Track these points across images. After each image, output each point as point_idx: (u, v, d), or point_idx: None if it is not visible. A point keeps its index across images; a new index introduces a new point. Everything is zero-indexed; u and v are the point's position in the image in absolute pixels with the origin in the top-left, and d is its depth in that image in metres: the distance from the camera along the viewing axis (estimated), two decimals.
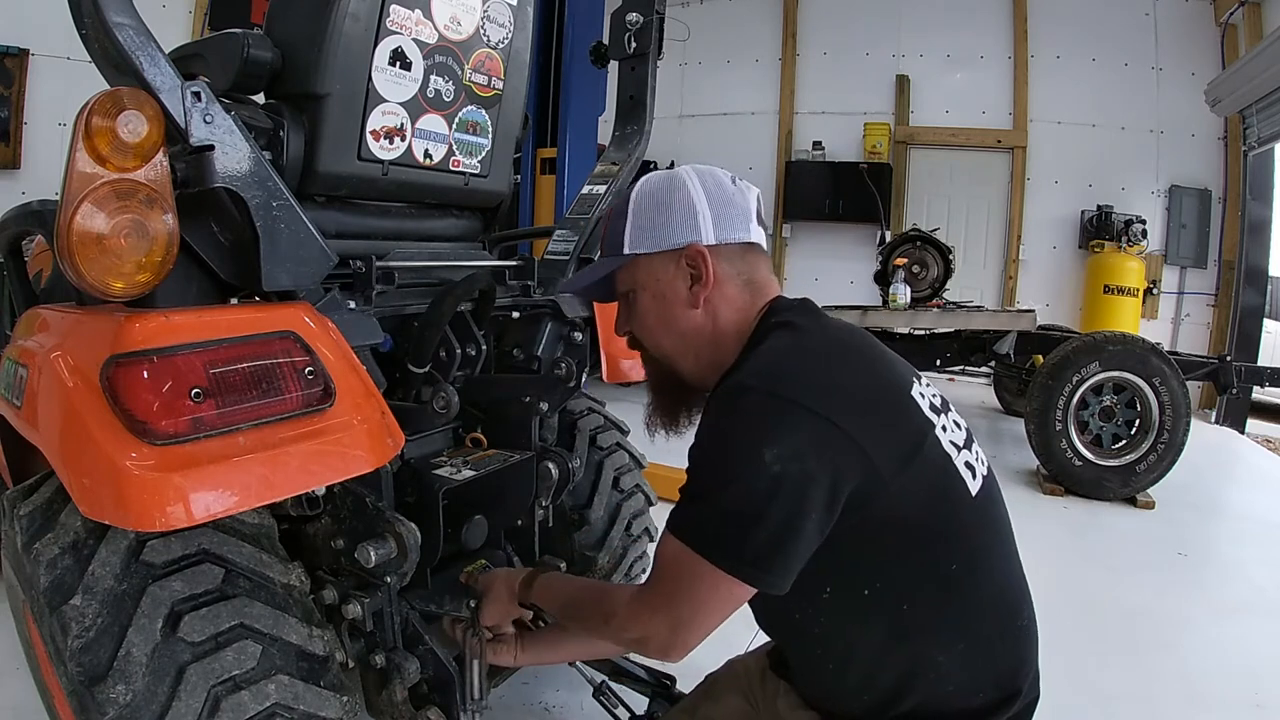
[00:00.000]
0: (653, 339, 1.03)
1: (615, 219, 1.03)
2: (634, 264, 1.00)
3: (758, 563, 0.81)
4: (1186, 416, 3.44)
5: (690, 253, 0.96)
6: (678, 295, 0.98)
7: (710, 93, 7.96)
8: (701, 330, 0.99)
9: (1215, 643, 2.25)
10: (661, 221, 0.97)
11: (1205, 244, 6.51)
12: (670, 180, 0.99)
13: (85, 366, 0.86)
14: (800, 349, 0.89)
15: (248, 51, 1.18)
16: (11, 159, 5.22)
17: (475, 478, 1.27)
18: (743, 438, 0.81)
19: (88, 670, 0.86)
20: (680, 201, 0.97)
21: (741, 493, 0.80)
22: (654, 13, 1.69)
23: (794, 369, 0.86)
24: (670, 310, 0.99)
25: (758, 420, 0.81)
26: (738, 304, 0.98)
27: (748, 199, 1.01)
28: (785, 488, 0.78)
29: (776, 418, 0.80)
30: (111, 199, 0.83)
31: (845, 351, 0.91)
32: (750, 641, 2.08)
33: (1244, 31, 6.04)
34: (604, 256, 1.05)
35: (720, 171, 1.01)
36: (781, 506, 0.79)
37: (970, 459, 0.92)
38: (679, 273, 0.98)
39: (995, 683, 0.91)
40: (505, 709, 1.73)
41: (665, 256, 0.98)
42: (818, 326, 0.94)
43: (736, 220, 0.98)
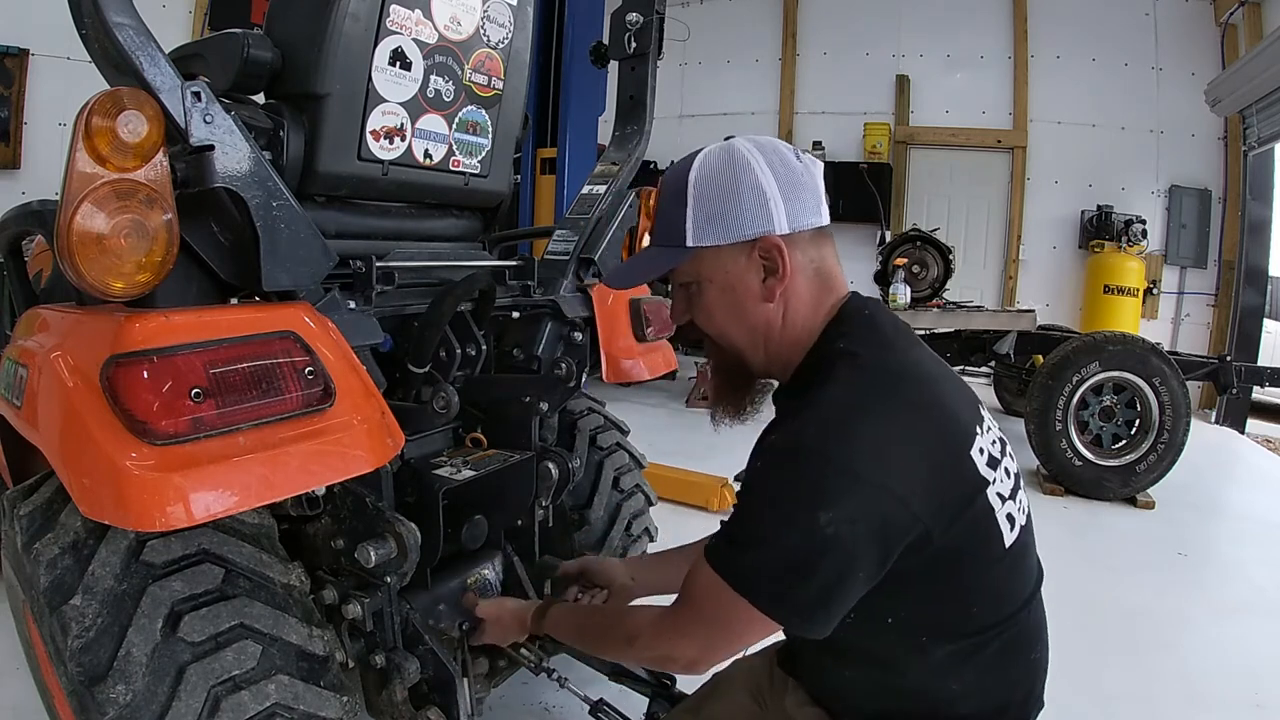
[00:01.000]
0: (720, 331, 0.97)
1: (671, 205, 0.93)
2: (698, 256, 0.92)
3: (801, 612, 0.81)
4: (1186, 416, 3.44)
5: (764, 245, 0.89)
6: (749, 289, 0.91)
7: (710, 93, 7.96)
8: (773, 324, 0.93)
9: (1215, 643, 2.25)
10: (729, 210, 0.89)
11: (1205, 244, 6.51)
12: (732, 161, 0.90)
13: (85, 366, 0.86)
14: (864, 407, 0.83)
15: (248, 51, 1.18)
16: (11, 159, 5.22)
17: (475, 477, 1.27)
18: (799, 497, 0.79)
19: (88, 670, 0.86)
20: (748, 186, 0.88)
21: (793, 548, 0.79)
22: (654, 13, 1.69)
23: (856, 432, 0.81)
24: (742, 304, 0.93)
25: (815, 485, 0.79)
26: (807, 297, 0.93)
27: (815, 176, 0.92)
28: (838, 549, 0.78)
29: (835, 482, 0.78)
30: (111, 199, 0.83)
31: (912, 408, 0.85)
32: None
33: (1244, 31, 6.04)
34: (658, 244, 0.96)
35: (783, 145, 0.93)
36: (832, 565, 0.78)
37: (1013, 509, 0.90)
38: (750, 265, 0.91)
39: (1004, 707, 0.92)
40: (505, 709, 1.73)
41: (735, 249, 0.90)
42: (888, 372, 0.87)
43: (808, 203, 0.91)
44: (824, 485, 0.78)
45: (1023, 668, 0.94)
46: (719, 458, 3.76)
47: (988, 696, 0.91)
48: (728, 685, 1.18)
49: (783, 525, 0.80)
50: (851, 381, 0.85)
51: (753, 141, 0.92)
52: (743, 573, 0.82)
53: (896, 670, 0.90)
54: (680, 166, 0.94)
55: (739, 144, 0.92)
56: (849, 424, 0.81)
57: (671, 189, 0.94)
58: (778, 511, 0.81)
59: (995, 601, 0.89)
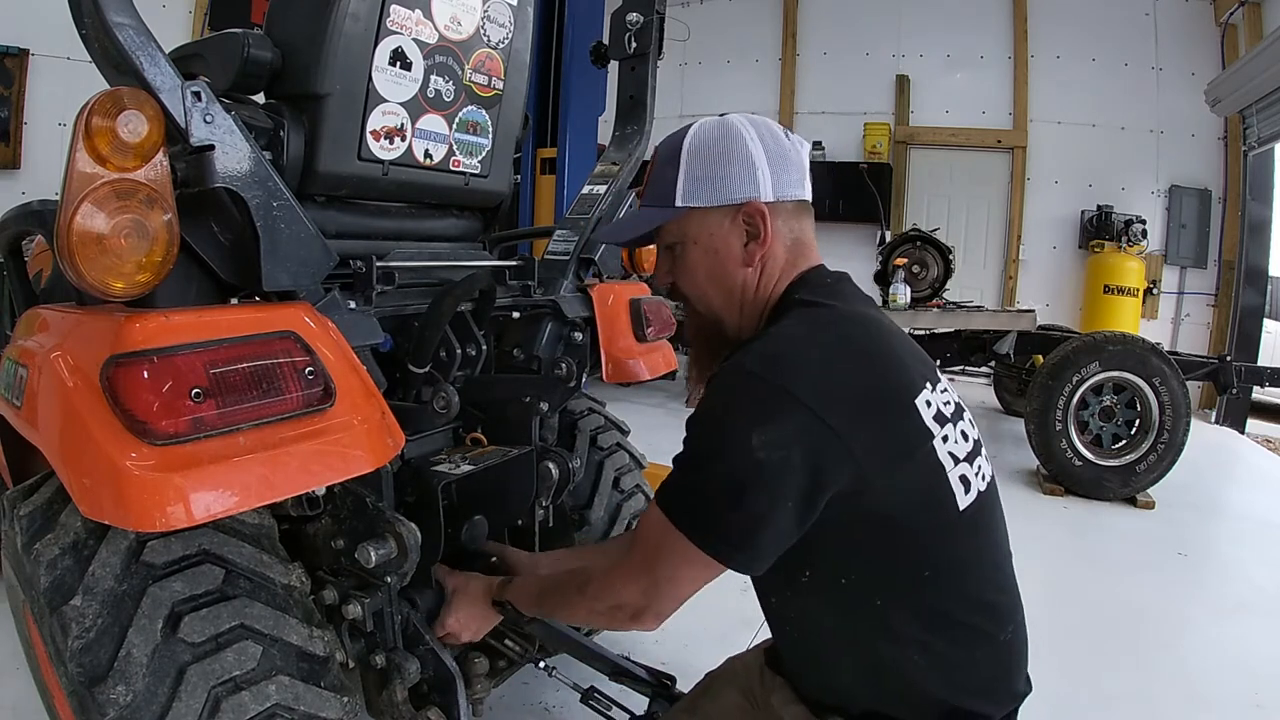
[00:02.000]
0: (699, 292, 1.01)
1: (663, 166, 0.98)
2: (686, 217, 0.97)
3: (729, 541, 0.83)
4: (1186, 416, 3.44)
5: (749, 209, 0.94)
6: (731, 252, 0.96)
7: (710, 93, 7.95)
8: (749, 287, 0.98)
9: (1215, 643, 2.25)
10: (719, 174, 0.94)
11: (1205, 244, 6.51)
12: (725, 130, 0.95)
13: (85, 366, 0.86)
14: (810, 339, 0.88)
15: (248, 51, 1.18)
16: (11, 159, 5.22)
17: (474, 472, 1.27)
18: (735, 419, 0.83)
19: (88, 671, 0.86)
20: (738, 154, 0.93)
21: (724, 472, 0.82)
22: (654, 13, 1.69)
23: (798, 359, 0.85)
24: (723, 266, 0.97)
25: (752, 404, 0.82)
26: (782, 263, 0.97)
27: (802, 155, 0.98)
28: (766, 474, 0.79)
29: (770, 405, 0.81)
30: (111, 199, 0.83)
31: (857, 348, 0.89)
32: (751, 641, 2.08)
33: (1244, 31, 6.05)
34: (648, 205, 1.01)
35: (775, 124, 0.98)
36: (760, 491, 0.80)
37: (968, 472, 0.91)
38: (734, 228, 0.96)
39: (978, 690, 0.91)
40: (505, 709, 1.73)
41: (721, 211, 0.95)
42: (838, 316, 0.92)
43: (793, 176, 0.96)
44: (759, 405, 0.81)
45: (990, 648, 0.92)
46: None
47: (961, 674, 0.89)
48: (721, 684, 1.19)
49: (717, 446, 0.83)
50: (800, 318, 0.91)
51: (746, 117, 0.97)
52: (678, 499, 0.86)
53: (865, 646, 0.90)
54: (676, 134, 0.99)
55: (733, 117, 0.97)
56: (792, 352, 0.85)
57: (666, 152, 0.99)
58: (715, 431, 0.85)
59: (952, 569, 0.88)
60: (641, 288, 1.72)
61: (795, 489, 0.80)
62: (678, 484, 0.87)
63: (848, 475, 0.81)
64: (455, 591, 1.24)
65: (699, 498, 0.84)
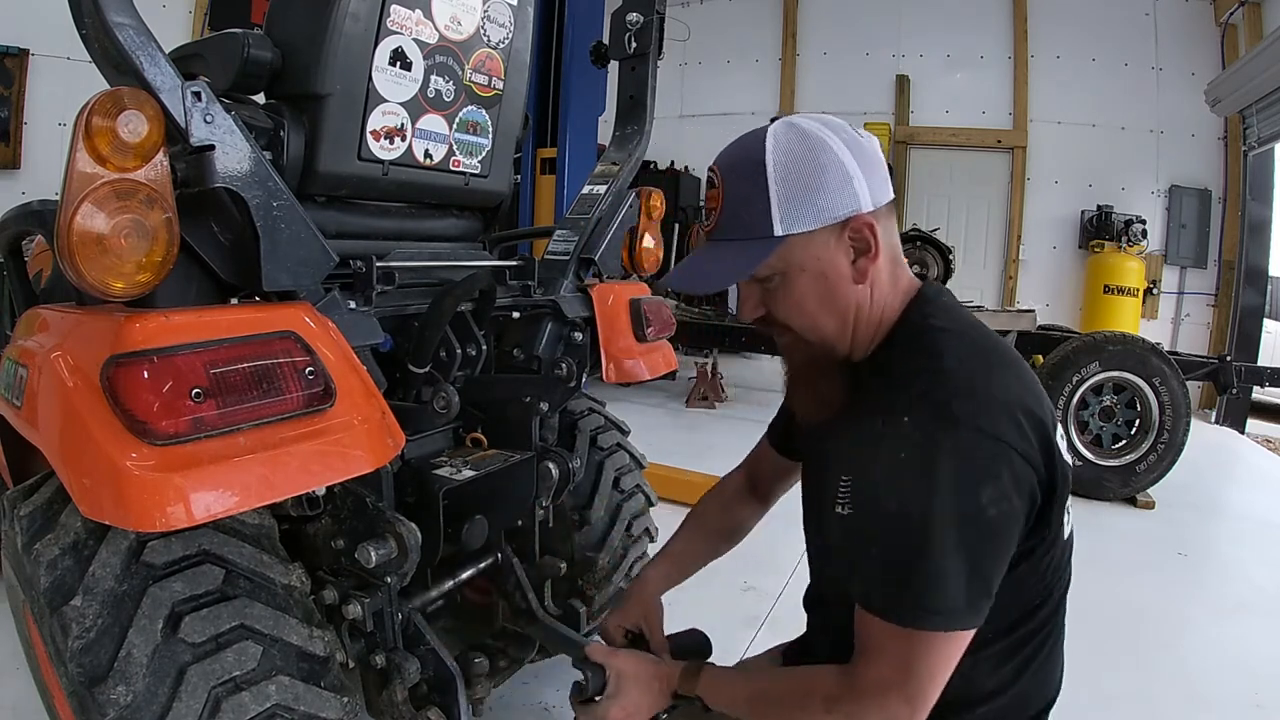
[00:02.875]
0: (810, 322, 0.91)
1: (746, 191, 0.85)
2: (787, 245, 0.85)
3: (977, 609, 0.78)
4: (1186, 416, 3.44)
5: (855, 224, 0.85)
6: (841, 272, 0.87)
7: (710, 93, 7.96)
8: (862, 305, 0.89)
9: (1215, 643, 2.25)
10: (817, 190, 0.83)
11: (1205, 244, 6.52)
12: (806, 139, 0.84)
13: (85, 366, 0.86)
14: (989, 377, 0.81)
15: (248, 51, 1.18)
16: (11, 159, 5.22)
17: (475, 477, 1.27)
18: (957, 482, 0.75)
19: (88, 671, 0.86)
20: (831, 164, 0.84)
21: (956, 542, 0.75)
22: (654, 13, 1.69)
23: (992, 402, 0.78)
24: (834, 289, 0.88)
25: (969, 461, 0.75)
26: (887, 275, 0.90)
27: (879, 150, 0.89)
28: (1000, 529, 0.77)
29: (987, 456, 0.75)
30: (111, 199, 0.83)
31: (1027, 381, 0.84)
32: (751, 640, 2.08)
33: (1244, 31, 6.05)
34: (734, 239, 0.88)
35: (840, 121, 0.89)
36: (998, 550, 0.77)
37: (1069, 501, 0.90)
38: (840, 246, 0.86)
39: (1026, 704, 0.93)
40: (505, 709, 1.73)
41: (826, 232, 0.85)
42: (992, 347, 0.86)
43: (881, 176, 0.87)
44: (975, 460, 0.75)
45: (1056, 672, 0.95)
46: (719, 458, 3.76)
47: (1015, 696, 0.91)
48: None
49: (943, 517, 0.75)
50: (963, 352, 0.83)
51: (816, 119, 0.87)
52: (915, 606, 0.77)
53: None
54: (742, 150, 0.87)
55: (803, 121, 0.87)
56: (985, 395, 0.79)
57: (741, 174, 0.86)
58: (935, 506, 0.76)
59: (1044, 593, 0.89)
60: (641, 288, 1.72)
61: (1020, 531, 0.79)
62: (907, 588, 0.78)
63: (1038, 506, 0.80)
64: (623, 676, 1.04)
65: (939, 588, 0.76)
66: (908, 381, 0.84)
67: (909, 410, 0.80)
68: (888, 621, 0.79)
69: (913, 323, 0.90)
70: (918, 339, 0.87)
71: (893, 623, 0.78)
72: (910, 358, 0.86)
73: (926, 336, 0.87)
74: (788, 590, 2.38)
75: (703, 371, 5.39)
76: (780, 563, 2.32)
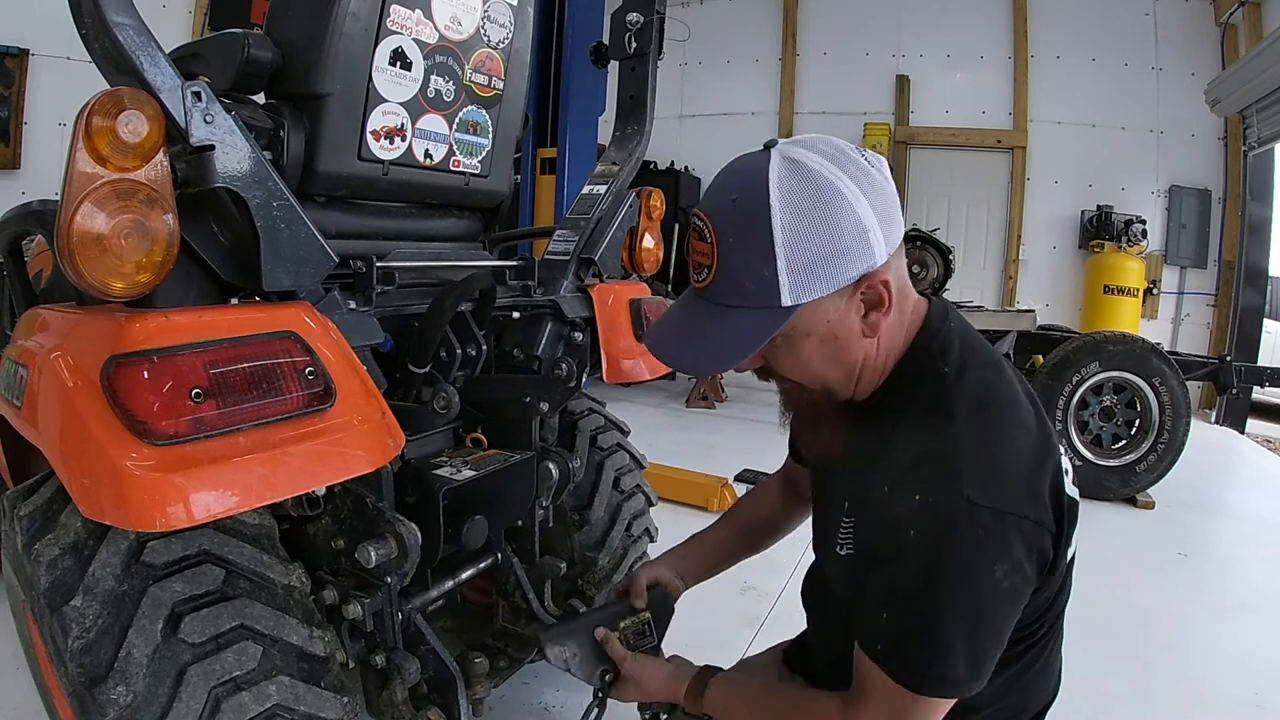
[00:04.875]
0: (812, 377, 0.86)
1: (750, 260, 0.76)
2: (796, 313, 0.78)
3: (980, 673, 0.77)
4: (1186, 416, 3.44)
5: (869, 283, 0.78)
6: (851, 331, 0.81)
7: (710, 93, 7.96)
8: (870, 356, 0.85)
9: (1215, 643, 2.25)
10: (831, 255, 0.75)
11: (1205, 244, 6.52)
12: (818, 190, 0.74)
13: (85, 366, 0.86)
14: (998, 439, 0.78)
15: (248, 51, 1.18)
16: (11, 159, 5.21)
17: (475, 478, 1.27)
18: (974, 562, 0.74)
19: (88, 671, 0.86)
20: (847, 222, 0.74)
21: (967, 622, 0.75)
22: (654, 13, 1.68)
23: (1004, 471, 0.76)
24: (843, 348, 0.83)
25: (990, 542, 0.74)
26: (895, 318, 0.84)
27: (889, 179, 0.80)
28: (1013, 597, 0.76)
29: (1000, 532, 0.74)
30: (112, 199, 0.83)
31: (1030, 434, 0.81)
32: (751, 640, 2.08)
33: (1244, 31, 6.05)
34: (735, 305, 0.79)
35: (846, 146, 0.79)
36: (1008, 616, 0.77)
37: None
38: (851, 305, 0.80)
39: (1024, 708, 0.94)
40: (505, 709, 1.73)
41: (836, 294, 0.78)
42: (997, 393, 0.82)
43: (895, 216, 0.79)
44: (990, 536, 0.74)
45: (1054, 676, 0.95)
46: (719, 458, 3.77)
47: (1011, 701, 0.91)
48: None
49: (961, 599, 0.74)
50: (973, 416, 0.79)
51: (820, 152, 0.76)
52: (923, 673, 0.76)
53: None
54: (739, 201, 0.76)
55: (814, 164, 0.75)
56: (995, 464, 0.76)
57: (741, 233, 0.76)
58: (950, 585, 0.74)
59: (1043, 613, 0.88)
60: (641, 288, 1.72)
61: (1029, 591, 0.79)
62: (916, 653, 0.77)
63: (1051, 560, 0.80)
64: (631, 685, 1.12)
65: (945, 660, 0.75)
66: (916, 441, 0.80)
67: (919, 487, 0.77)
68: (888, 676, 0.78)
69: (918, 360, 0.85)
70: (924, 386, 0.83)
71: (893, 680, 0.78)
72: (917, 408, 0.82)
73: (931, 386, 0.83)
74: (788, 590, 2.38)
75: None
76: (780, 563, 2.32)
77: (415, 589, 1.30)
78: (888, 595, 0.79)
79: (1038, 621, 0.88)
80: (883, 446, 0.84)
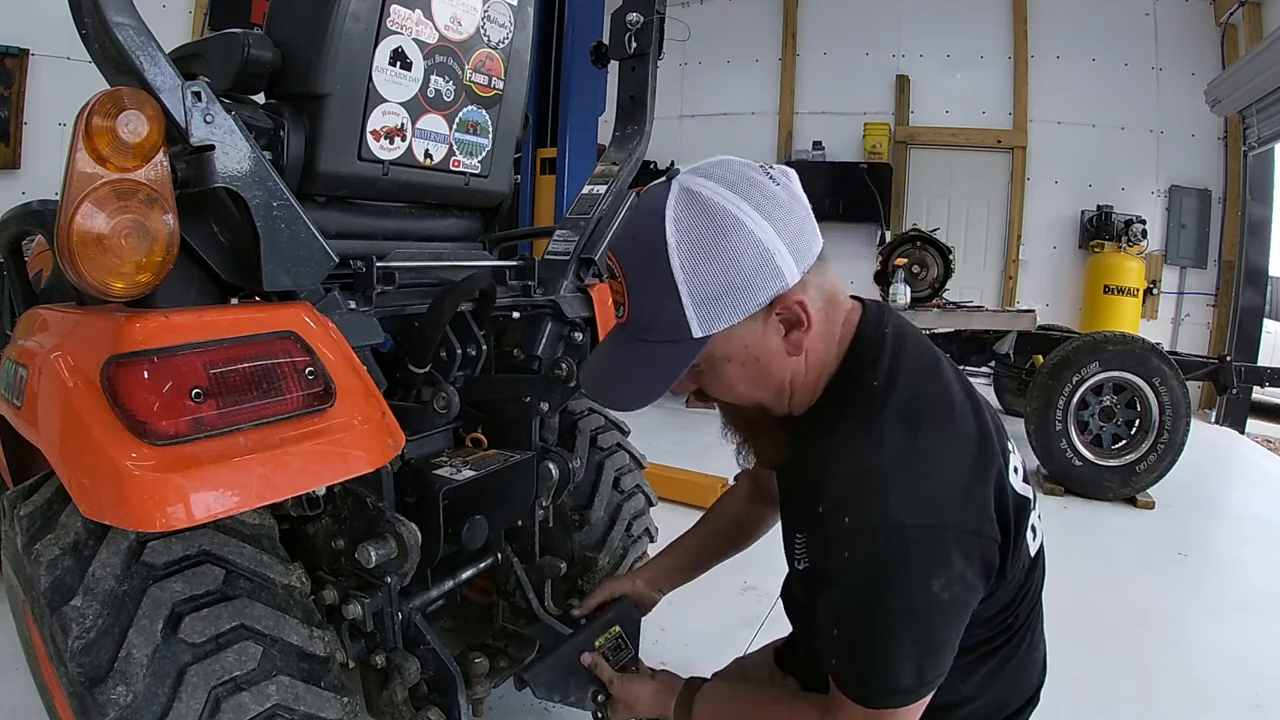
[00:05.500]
0: (744, 398, 0.88)
1: (653, 294, 0.77)
2: (711, 342, 0.79)
3: (929, 680, 0.79)
4: (1186, 416, 3.44)
5: (782, 304, 0.78)
6: (772, 352, 0.82)
7: (710, 93, 7.96)
8: (798, 373, 0.86)
9: (1215, 643, 2.25)
10: (734, 283, 0.75)
11: (1205, 244, 6.52)
12: (712, 219, 0.74)
13: (85, 366, 0.86)
14: (929, 455, 0.79)
15: (248, 51, 1.18)
16: (11, 159, 5.22)
17: (475, 478, 1.27)
18: (907, 579, 0.75)
19: (88, 671, 0.86)
20: (745, 247, 0.74)
21: (909, 634, 0.76)
22: (654, 13, 1.68)
23: (937, 488, 0.77)
24: (766, 369, 0.83)
25: (918, 557, 0.75)
26: (823, 331, 0.84)
27: (797, 194, 0.80)
28: (955, 608, 0.77)
29: (937, 548, 0.75)
30: (112, 199, 0.83)
31: (966, 440, 0.82)
32: (750, 640, 2.08)
33: (1244, 31, 6.05)
34: (650, 341, 0.81)
35: (747, 167, 0.79)
36: (954, 623, 0.79)
37: (1034, 520, 0.91)
38: (769, 328, 0.80)
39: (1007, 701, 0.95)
40: (505, 709, 1.73)
41: (749, 320, 0.78)
42: (929, 402, 0.83)
43: (806, 232, 0.79)
44: (927, 554, 0.75)
45: (1029, 670, 0.96)
46: (718, 458, 3.76)
47: (995, 696, 0.93)
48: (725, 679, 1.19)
49: (898, 611, 0.76)
50: (903, 429, 0.80)
51: (718, 180, 0.76)
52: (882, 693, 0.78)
53: None
54: (641, 240, 0.77)
55: (705, 189, 0.76)
56: (924, 479, 0.77)
57: (644, 273, 0.77)
58: (888, 602, 0.76)
59: (1012, 607, 0.90)
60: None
61: (976, 598, 0.80)
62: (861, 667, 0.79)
63: (998, 563, 0.81)
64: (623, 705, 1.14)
65: (890, 673, 0.77)
66: (847, 460, 0.81)
67: (849, 508, 0.78)
68: (856, 703, 0.80)
69: (850, 376, 0.86)
70: (853, 400, 0.85)
71: (849, 697, 0.80)
72: (848, 424, 0.83)
73: (860, 399, 0.84)
74: None
75: None
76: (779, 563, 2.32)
77: (415, 589, 1.30)
78: (833, 613, 0.81)
79: (1009, 613, 0.89)
80: (819, 464, 0.85)
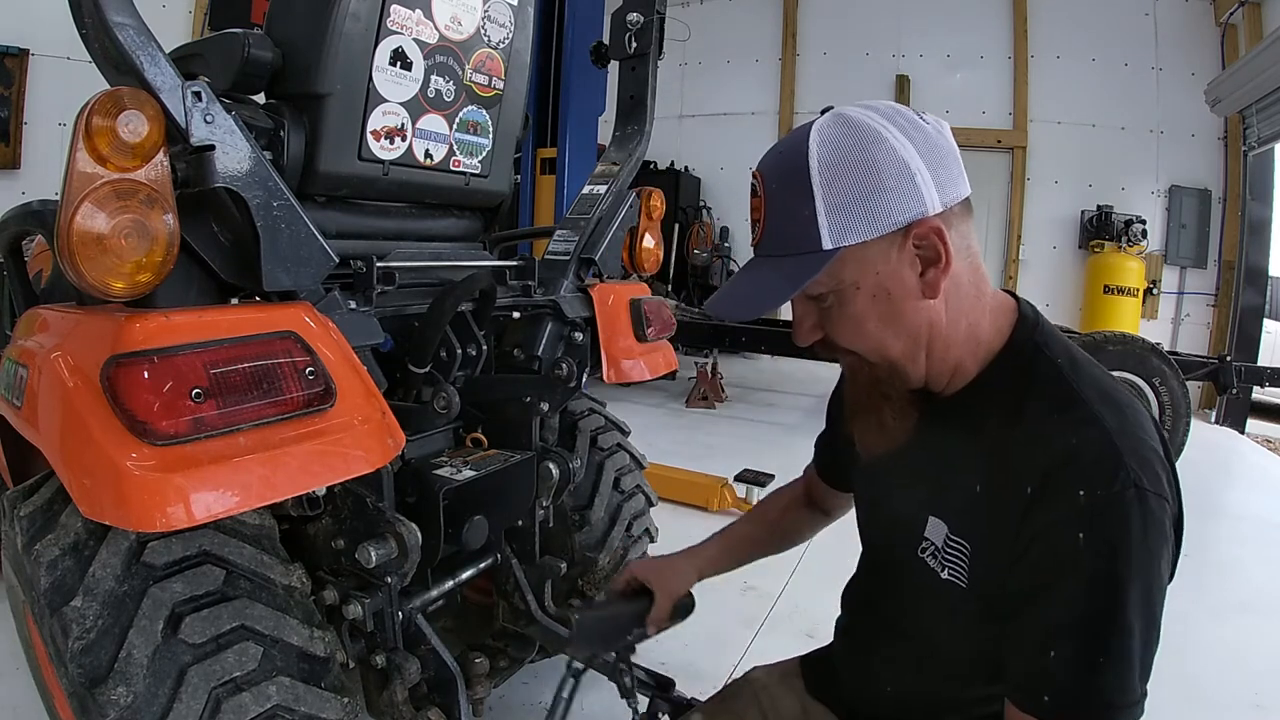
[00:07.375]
0: (873, 344, 0.79)
1: (789, 198, 0.74)
2: (839, 260, 0.73)
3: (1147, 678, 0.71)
4: (1186, 416, 3.45)
5: (920, 231, 0.73)
6: (905, 287, 0.75)
7: (710, 93, 7.97)
8: (937, 324, 0.77)
9: (1215, 643, 2.25)
10: (871, 194, 0.71)
11: (1205, 244, 6.53)
12: (856, 132, 0.72)
13: (86, 367, 0.86)
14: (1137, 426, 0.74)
15: (248, 51, 1.18)
16: (11, 159, 5.22)
17: (476, 478, 1.27)
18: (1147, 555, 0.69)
19: (89, 672, 0.86)
20: (887, 161, 0.71)
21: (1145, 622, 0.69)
22: (654, 13, 1.69)
23: (1155, 458, 0.73)
24: (899, 307, 0.76)
25: (1156, 527, 0.70)
26: (968, 287, 0.78)
27: (949, 138, 0.76)
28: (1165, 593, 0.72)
29: (1165, 521, 0.71)
30: (112, 199, 0.83)
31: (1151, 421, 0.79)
32: (750, 640, 2.07)
33: (1244, 31, 6.05)
34: (778, 254, 0.77)
35: (902, 108, 0.76)
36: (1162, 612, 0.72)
37: None
38: (904, 258, 0.74)
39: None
40: (505, 709, 1.73)
41: (884, 241, 0.73)
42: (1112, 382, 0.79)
43: (953, 170, 0.74)
44: (1157, 521, 0.70)
45: None
46: (719, 458, 3.77)
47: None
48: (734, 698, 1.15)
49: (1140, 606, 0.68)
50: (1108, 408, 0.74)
51: (870, 109, 0.74)
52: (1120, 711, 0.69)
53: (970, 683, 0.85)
54: (785, 152, 0.75)
55: (852, 112, 0.74)
56: (1141, 447, 0.72)
57: (783, 180, 0.75)
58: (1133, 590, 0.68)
59: None
60: (642, 288, 1.72)
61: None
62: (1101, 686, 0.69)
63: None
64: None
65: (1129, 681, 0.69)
66: (1062, 436, 0.72)
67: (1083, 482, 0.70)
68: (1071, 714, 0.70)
69: (1023, 353, 0.79)
70: (1038, 378, 0.77)
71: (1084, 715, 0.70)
72: (1042, 402, 0.76)
73: (1050, 377, 0.76)
74: (787, 591, 2.38)
75: (703, 372, 5.39)
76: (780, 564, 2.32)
77: (415, 589, 1.30)
78: (1053, 627, 0.70)
79: None
80: (1001, 450, 0.76)
